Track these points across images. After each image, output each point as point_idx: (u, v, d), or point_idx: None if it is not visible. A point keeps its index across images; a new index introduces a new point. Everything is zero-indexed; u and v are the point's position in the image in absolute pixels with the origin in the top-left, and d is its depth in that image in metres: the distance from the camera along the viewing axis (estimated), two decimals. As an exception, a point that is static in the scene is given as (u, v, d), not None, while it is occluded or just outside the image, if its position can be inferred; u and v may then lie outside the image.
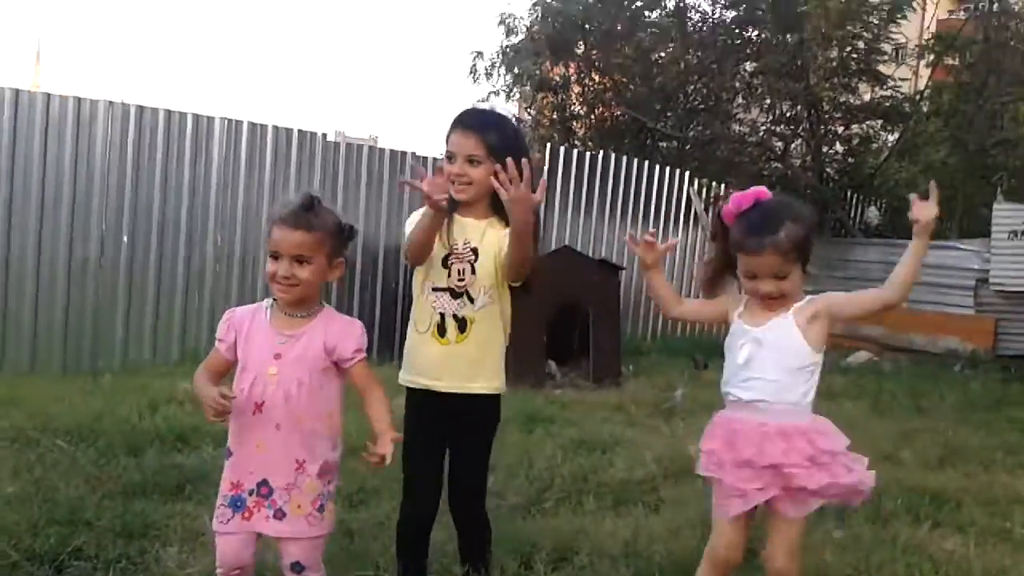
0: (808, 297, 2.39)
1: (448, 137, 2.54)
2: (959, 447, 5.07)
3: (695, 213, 10.67)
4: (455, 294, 2.52)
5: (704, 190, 11.15)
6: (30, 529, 3.00)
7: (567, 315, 7.19)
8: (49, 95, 6.61)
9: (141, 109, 6.92)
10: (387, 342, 6.97)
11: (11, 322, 6.38)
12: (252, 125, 7.46)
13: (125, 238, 6.82)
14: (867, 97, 13.08)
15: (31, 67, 33.35)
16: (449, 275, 2.52)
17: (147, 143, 6.91)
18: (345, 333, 2.32)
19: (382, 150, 8.33)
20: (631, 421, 5.59)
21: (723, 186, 11.59)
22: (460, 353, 2.52)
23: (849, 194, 13.16)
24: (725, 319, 2.49)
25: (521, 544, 3.04)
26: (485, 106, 2.72)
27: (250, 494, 2.27)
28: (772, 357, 2.34)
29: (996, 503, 3.95)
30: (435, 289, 2.53)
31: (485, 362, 2.55)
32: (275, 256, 2.26)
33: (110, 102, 6.81)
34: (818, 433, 2.33)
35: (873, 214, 13.90)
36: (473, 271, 2.52)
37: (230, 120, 7.36)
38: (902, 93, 12.79)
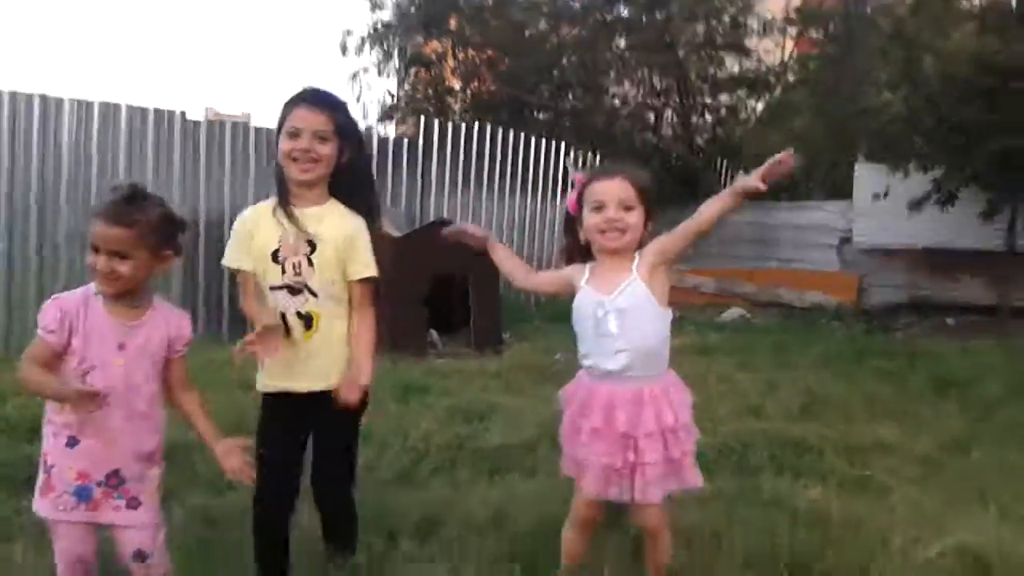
0: (636, 255, 2.40)
1: (291, 112, 2.42)
2: (821, 397, 5.25)
3: (571, 183, 10.75)
4: (294, 290, 2.42)
5: (580, 161, 11.26)
6: None
7: (447, 286, 7.16)
8: None
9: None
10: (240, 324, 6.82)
11: None
12: (104, 105, 7.08)
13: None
14: (735, 70, 13.48)
15: None
16: (283, 271, 2.41)
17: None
18: (180, 325, 2.29)
19: (246, 126, 8.04)
20: (511, 388, 5.58)
21: (598, 156, 11.74)
22: (309, 350, 2.43)
23: (719, 162, 13.55)
24: (571, 288, 2.48)
25: (389, 519, 2.97)
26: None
27: (98, 485, 2.19)
28: (634, 324, 2.34)
29: (857, 451, 4.07)
30: (272, 288, 2.43)
31: (337, 354, 2.45)
32: (95, 249, 2.16)
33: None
34: (665, 402, 2.34)
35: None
36: (310, 263, 2.41)
37: (80, 102, 6.96)
38: (767, 65, 13.23)
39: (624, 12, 13.27)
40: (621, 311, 2.34)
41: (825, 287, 10.62)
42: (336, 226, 2.44)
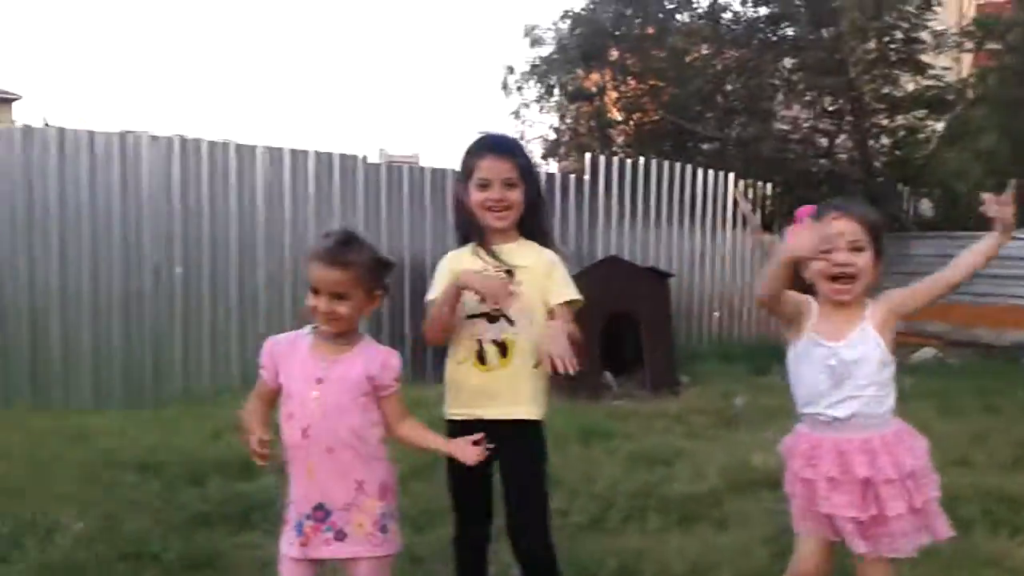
0: (867, 301, 2.33)
1: (477, 162, 2.53)
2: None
3: (742, 215, 10.52)
4: (492, 319, 2.49)
5: (749, 191, 11.00)
6: (99, 565, 3.03)
7: (618, 325, 7.13)
8: (93, 132, 6.71)
9: (184, 141, 7.02)
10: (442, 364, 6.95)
11: (71, 355, 6.51)
12: (293, 152, 7.52)
13: (179, 269, 6.91)
14: (910, 87, 12.82)
15: (78, 103, 34.35)
16: (482, 300, 2.45)
17: (192, 174, 7.01)
18: (385, 363, 2.34)
19: (423, 169, 8.34)
20: (691, 432, 5.50)
21: (769, 185, 11.43)
22: (502, 378, 2.48)
23: (899, 187, 12.88)
24: (797, 318, 2.37)
25: (586, 564, 2.98)
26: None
27: (306, 518, 2.29)
28: (864, 373, 2.29)
29: None
30: (470, 316, 2.49)
31: (528, 386, 2.50)
32: (315, 291, 2.30)
33: (153, 136, 6.91)
34: (902, 447, 2.28)
35: (926, 206, 13.60)
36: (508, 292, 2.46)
37: (271, 149, 7.42)
38: (946, 81, 12.51)
39: (789, 31, 12.92)
40: (851, 361, 2.28)
41: (1025, 323, 9.85)
42: (533, 259, 2.52)
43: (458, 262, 2.56)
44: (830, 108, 12.90)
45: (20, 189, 6.40)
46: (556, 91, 13.55)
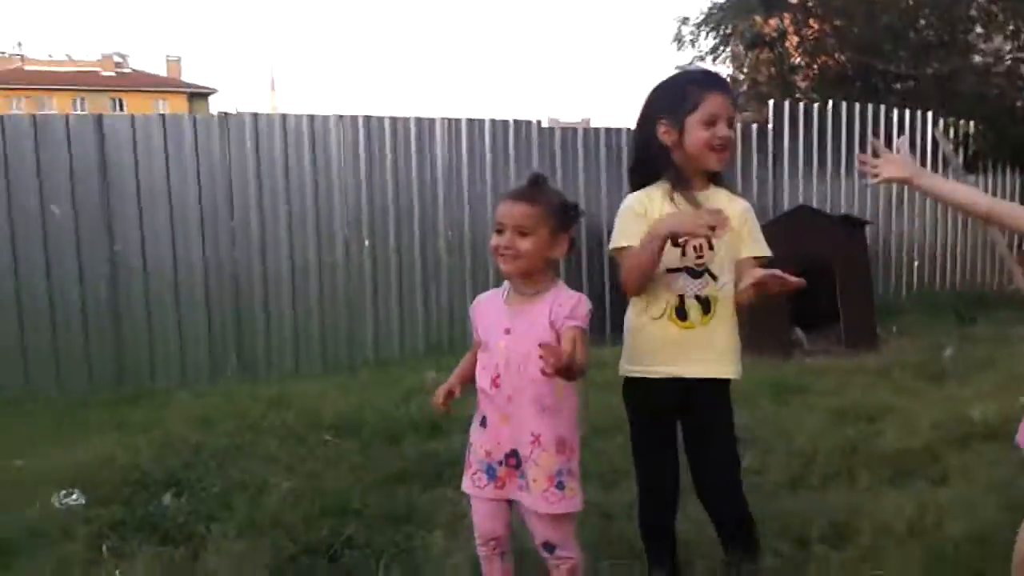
0: None
1: (705, 97, 2.32)
2: None
3: (943, 156, 9.69)
4: (695, 273, 2.34)
5: (951, 130, 10.14)
6: (305, 521, 3.17)
7: (812, 278, 6.70)
8: (285, 116, 7.06)
9: (368, 119, 7.25)
10: (620, 323, 6.84)
11: (273, 329, 6.90)
12: (470, 121, 7.63)
13: (367, 241, 7.17)
14: None
15: (267, 93, 36.53)
16: (684, 253, 2.32)
17: (376, 149, 7.23)
18: (568, 305, 2.25)
19: (596, 130, 8.22)
20: (897, 387, 5.13)
21: (971, 123, 10.48)
22: (704, 336, 2.34)
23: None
24: None
25: (791, 523, 2.82)
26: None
27: (500, 464, 2.30)
28: None
29: None
30: (669, 271, 2.32)
31: (731, 343, 2.39)
32: (499, 230, 2.29)
33: (339, 116, 7.17)
34: None
35: None
36: (711, 246, 2.32)
37: (449, 120, 7.56)
38: None
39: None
40: None
41: None
42: (726, 207, 2.32)
43: (647, 206, 2.36)
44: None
45: (220, 173, 6.76)
46: (733, 39, 12.99)
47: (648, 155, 2.41)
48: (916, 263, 9.61)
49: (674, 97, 2.36)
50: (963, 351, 5.85)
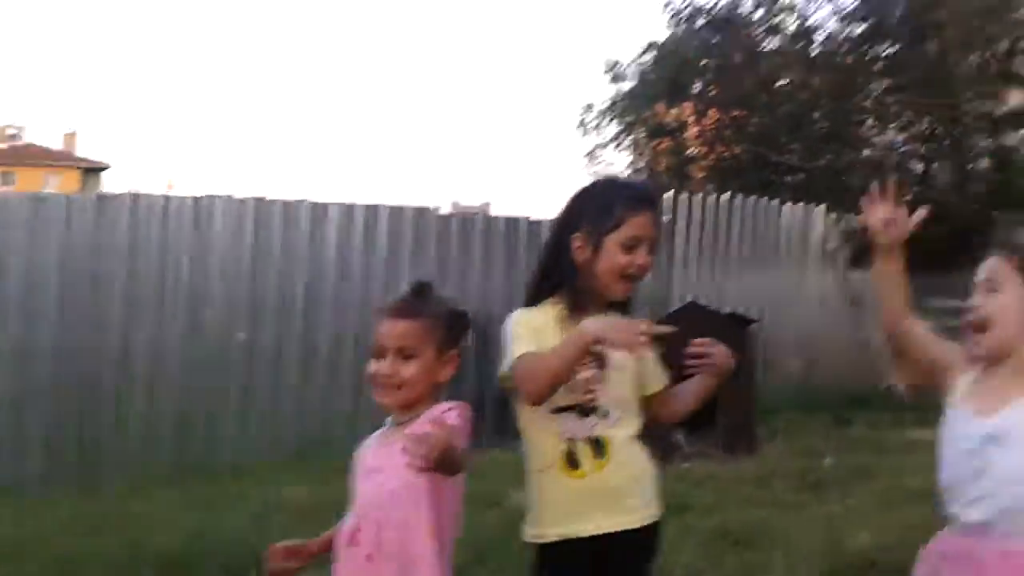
0: None
1: (631, 217, 2.04)
2: None
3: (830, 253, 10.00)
4: (584, 411, 2.02)
5: (840, 223, 10.48)
6: None
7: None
8: (168, 196, 6.83)
9: (258, 201, 7.01)
10: (503, 424, 6.73)
11: (121, 425, 6.31)
12: (367, 208, 7.40)
13: (242, 333, 6.77)
14: (1013, 103, 12.10)
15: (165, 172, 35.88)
16: (571, 389, 1.99)
17: (263, 234, 6.94)
18: (437, 410, 1.88)
19: (495, 218, 8.19)
20: (776, 500, 5.09)
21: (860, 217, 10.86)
22: (602, 483, 2.01)
23: (995, 215, 12.08)
24: (942, 375, 1.88)
25: None
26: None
27: None
28: (1015, 461, 1.71)
29: None
30: (555, 411, 2.00)
31: (638, 484, 2.06)
32: (379, 354, 1.95)
33: (228, 197, 6.93)
34: None
35: (1027, 234, 12.74)
36: (601, 379, 2.03)
37: (345, 205, 7.33)
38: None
39: (887, 49, 12.30)
40: (994, 438, 1.73)
41: None
42: None
43: (543, 328, 2.04)
44: (927, 131, 12.27)
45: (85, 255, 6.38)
46: (635, 127, 13.33)
47: (556, 267, 2.11)
48: (798, 361, 9.56)
49: (597, 209, 2.07)
50: (841, 459, 5.94)
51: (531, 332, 2.03)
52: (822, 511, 4.82)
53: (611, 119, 13.37)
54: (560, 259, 2.10)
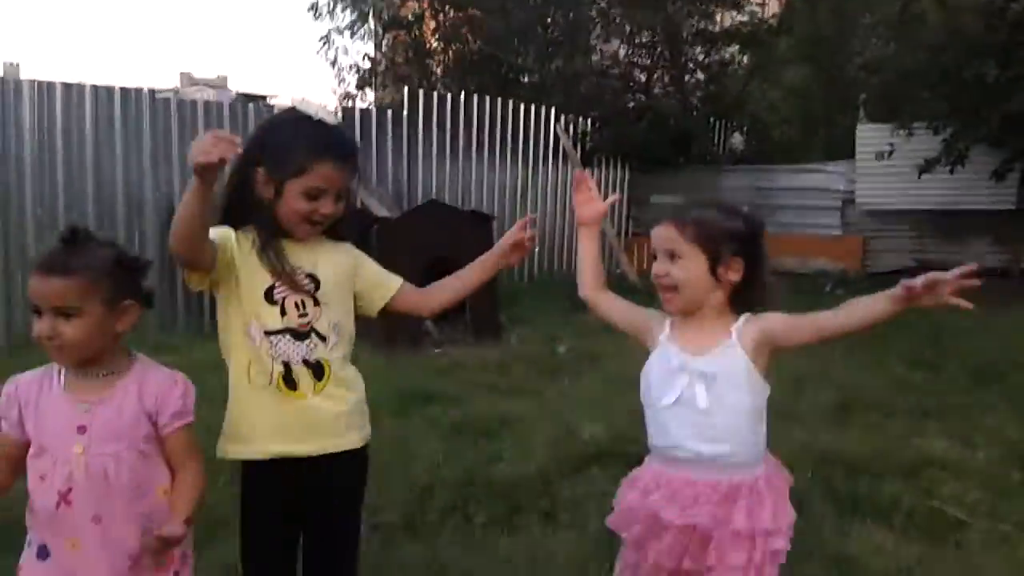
0: (744, 316, 1.93)
1: (314, 166, 1.91)
2: (852, 391, 4.84)
3: (563, 151, 10.28)
4: (298, 335, 1.95)
5: (571, 126, 10.80)
6: None
7: (441, 271, 6.74)
8: None
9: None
10: (199, 318, 6.68)
11: None
12: (66, 86, 6.64)
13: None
14: (726, 23, 12.96)
15: None
16: (283, 312, 1.94)
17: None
18: (167, 390, 1.81)
19: (219, 105, 7.57)
20: (516, 387, 5.18)
21: (589, 121, 11.26)
22: (321, 405, 1.97)
23: (713, 121, 13.07)
24: (642, 332, 2.04)
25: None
26: (328, 118, 1.97)
27: None
28: (729, 398, 1.87)
29: (914, 472, 3.58)
30: (268, 333, 1.93)
31: (353, 408, 2.03)
32: (36, 311, 1.72)
33: None
34: (760, 502, 1.87)
35: (737, 140, 13.94)
36: (316, 302, 1.97)
37: (40, 83, 6.52)
38: (760, 18, 12.70)
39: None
40: (711, 378, 1.87)
41: (828, 252, 10.28)
42: (334, 260, 2.02)
43: (236, 250, 1.94)
44: (647, 42, 12.83)
45: None
46: (370, 17, 12.74)
47: (240, 201, 1.97)
48: (536, 250, 10.08)
49: (280, 149, 1.94)
50: (576, 344, 6.19)
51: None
52: (556, 397, 4.96)
53: (345, 6, 12.63)
54: (244, 194, 1.97)
